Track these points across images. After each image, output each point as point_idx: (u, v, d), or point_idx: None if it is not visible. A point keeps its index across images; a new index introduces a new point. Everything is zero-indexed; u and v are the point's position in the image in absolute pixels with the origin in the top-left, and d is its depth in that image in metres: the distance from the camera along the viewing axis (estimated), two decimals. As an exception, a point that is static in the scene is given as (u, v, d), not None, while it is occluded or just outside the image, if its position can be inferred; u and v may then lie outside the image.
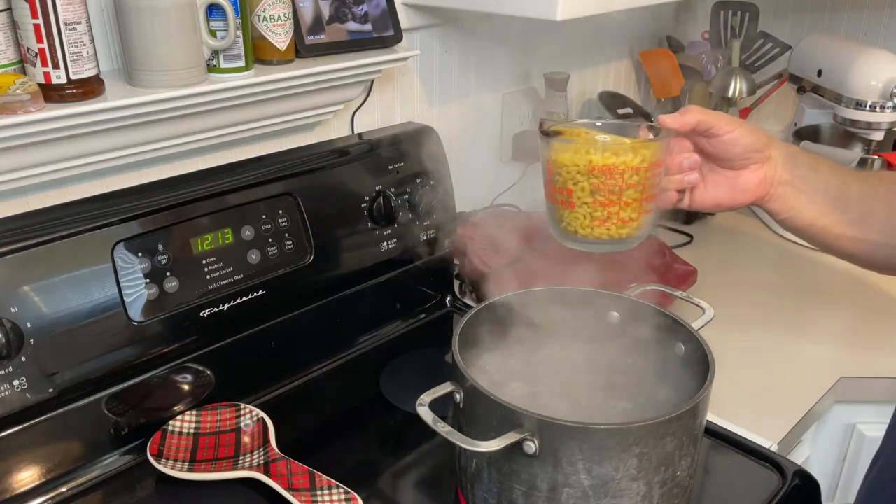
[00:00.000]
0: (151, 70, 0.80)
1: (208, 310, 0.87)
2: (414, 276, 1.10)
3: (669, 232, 1.41)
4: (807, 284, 1.24)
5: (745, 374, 0.99)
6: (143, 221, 0.82)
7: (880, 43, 1.50)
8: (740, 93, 1.42)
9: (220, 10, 0.82)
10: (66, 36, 0.73)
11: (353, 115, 1.13)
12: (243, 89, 0.86)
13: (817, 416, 0.99)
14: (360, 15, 0.98)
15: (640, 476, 0.66)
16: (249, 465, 0.80)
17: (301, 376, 0.98)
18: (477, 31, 1.26)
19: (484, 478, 0.71)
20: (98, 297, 0.79)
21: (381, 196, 1.01)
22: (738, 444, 0.86)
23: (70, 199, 0.84)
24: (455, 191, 1.13)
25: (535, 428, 0.64)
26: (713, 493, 0.82)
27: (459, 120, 1.30)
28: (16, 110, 0.70)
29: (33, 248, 0.75)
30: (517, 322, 0.82)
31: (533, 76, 1.40)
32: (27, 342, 0.74)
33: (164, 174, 0.92)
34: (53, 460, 0.79)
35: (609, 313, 0.84)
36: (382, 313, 1.08)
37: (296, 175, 0.95)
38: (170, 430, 0.84)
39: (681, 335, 0.78)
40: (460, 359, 0.71)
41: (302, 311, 0.97)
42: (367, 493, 0.77)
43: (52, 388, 0.77)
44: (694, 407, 0.67)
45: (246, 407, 0.88)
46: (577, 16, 0.93)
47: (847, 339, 1.10)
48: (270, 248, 0.92)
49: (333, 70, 0.94)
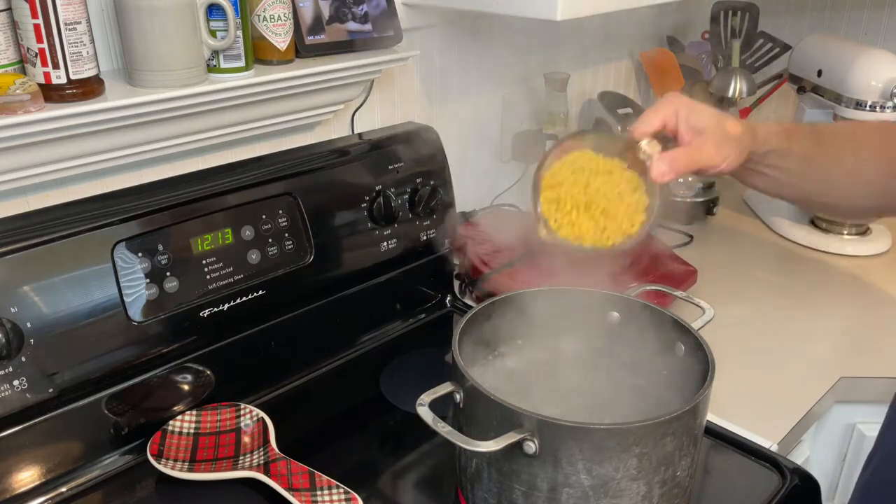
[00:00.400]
0: (151, 70, 0.80)
1: (208, 310, 0.87)
2: (414, 276, 1.10)
3: (669, 232, 1.41)
4: (807, 284, 1.24)
5: (745, 374, 0.99)
6: (143, 221, 0.82)
7: (880, 43, 1.50)
8: (740, 93, 1.42)
9: (220, 10, 0.82)
10: (66, 36, 0.73)
11: (353, 115, 1.13)
12: (243, 89, 0.86)
13: (817, 416, 0.99)
14: (360, 15, 0.98)
15: (640, 476, 0.66)
16: (249, 465, 0.80)
17: (301, 376, 0.98)
18: (477, 31, 1.26)
19: (484, 478, 0.71)
20: (98, 297, 0.79)
21: (381, 196, 1.01)
22: (738, 444, 0.86)
23: (70, 199, 0.84)
24: (455, 191, 1.13)
25: (535, 428, 0.64)
26: (713, 493, 0.82)
27: (459, 120, 1.30)
28: (16, 110, 0.70)
29: (33, 248, 0.75)
30: (517, 322, 0.82)
31: (533, 76, 1.40)
32: (27, 342, 0.74)
33: (164, 174, 0.92)
34: (53, 460, 0.79)
35: (609, 313, 0.84)
36: (382, 313, 1.08)
37: (296, 175, 0.95)
38: (170, 430, 0.84)
39: (681, 335, 0.78)
40: (460, 359, 0.71)
41: (302, 311, 0.97)
42: (367, 493, 0.77)
43: (52, 388, 0.77)
44: (694, 407, 0.67)
45: (246, 407, 0.88)
46: (577, 16, 0.93)
47: (847, 339, 1.10)
48: (270, 248, 0.92)
49: (333, 70, 0.94)
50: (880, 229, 1.39)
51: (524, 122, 1.38)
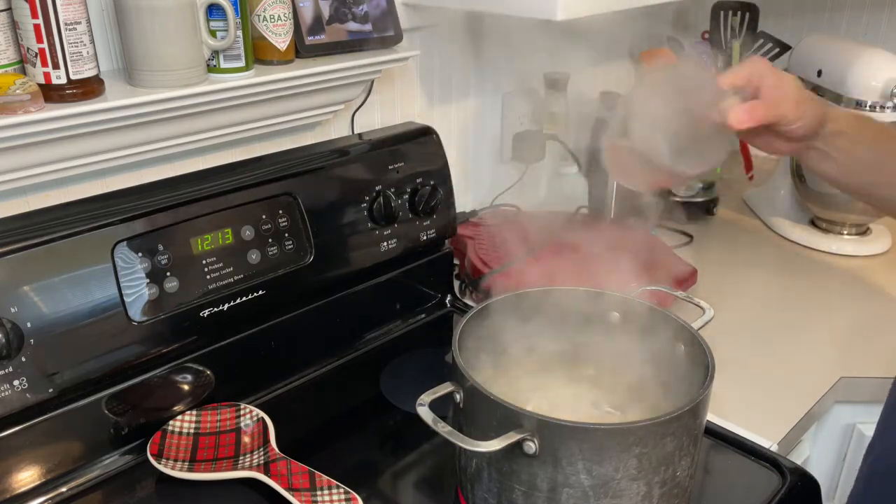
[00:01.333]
0: (151, 70, 0.80)
1: (208, 310, 0.87)
2: (414, 276, 1.10)
3: (669, 232, 1.41)
4: (807, 284, 1.24)
5: (745, 374, 0.99)
6: (143, 221, 0.82)
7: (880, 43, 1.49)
8: None
9: (220, 10, 0.82)
10: (66, 36, 0.73)
11: (353, 115, 1.13)
12: (243, 89, 0.86)
13: (817, 416, 0.99)
14: (360, 15, 0.98)
15: (640, 476, 0.66)
16: (249, 465, 0.80)
17: (301, 376, 0.98)
18: (477, 31, 1.26)
19: (484, 478, 0.71)
20: (98, 297, 0.79)
21: (381, 196, 1.01)
22: (738, 444, 0.86)
23: (70, 199, 0.84)
24: (455, 191, 1.13)
25: (534, 428, 0.64)
26: (713, 493, 0.82)
27: (459, 120, 1.30)
28: (16, 110, 0.70)
29: (33, 248, 0.75)
30: (517, 322, 0.82)
31: (533, 76, 1.40)
32: (27, 342, 0.74)
33: (164, 174, 0.92)
34: (53, 460, 0.79)
35: (609, 313, 0.84)
36: (382, 313, 1.08)
37: (296, 175, 0.95)
38: (170, 430, 0.84)
39: (681, 335, 0.78)
40: (460, 359, 0.71)
41: (302, 311, 0.97)
42: (367, 493, 0.77)
43: (52, 388, 0.77)
44: (694, 407, 0.67)
45: (246, 407, 0.88)
46: (577, 16, 0.93)
47: (847, 339, 1.10)
48: (270, 248, 0.92)
49: (333, 70, 0.94)
50: (880, 229, 1.39)
51: (524, 122, 1.38)
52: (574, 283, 0.84)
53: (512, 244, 1.15)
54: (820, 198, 1.35)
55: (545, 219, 1.25)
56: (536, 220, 1.25)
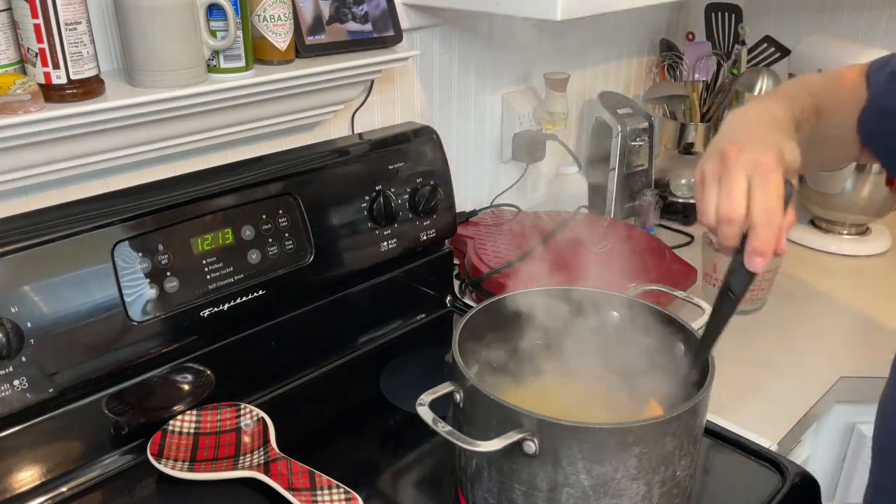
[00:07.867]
0: (152, 70, 0.80)
1: (208, 310, 0.87)
2: (414, 276, 1.10)
3: (669, 232, 1.41)
4: (807, 284, 1.24)
5: (745, 374, 0.99)
6: (143, 221, 0.82)
7: (880, 43, 1.49)
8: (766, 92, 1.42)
9: (220, 10, 0.82)
10: (66, 36, 0.73)
11: (353, 115, 1.13)
12: (243, 89, 0.86)
13: (817, 416, 0.99)
14: (360, 15, 0.99)
15: (639, 476, 0.66)
16: (249, 465, 0.80)
17: (301, 376, 0.98)
18: (477, 31, 1.26)
19: (484, 478, 0.71)
20: (98, 296, 0.79)
21: (381, 196, 1.01)
22: (738, 444, 0.86)
23: (70, 199, 0.84)
24: (455, 191, 1.13)
25: (534, 428, 0.64)
26: (713, 493, 0.82)
27: (459, 120, 1.30)
28: (16, 110, 0.70)
29: (33, 248, 0.75)
30: (517, 322, 0.82)
31: (533, 76, 1.40)
32: (27, 342, 0.74)
33: (164, 174, 0.92)
34: (54, 460, 0.79)
35: (609, 313, 0.84)
36: (382, 313, 1.08)
37: (296, 175, 0.95)
38: (170, 430, 0.84)
39: (681, 335, 0.78)
40: (460, 359, 0.71)
41: (302, 311, 0.97)
42: (367, 493, 0.77)
43: (52, 388, 0.77)
44: (694, 407, 0.67)
45: (246, 407, 0.88)
46: (577, 16, 0.93)
47: (847, 339, 1.10)
48: (270, 248, 0.92)
49: (333, 70, 0.94)
50: (880, 229, 1.39)
51: (524, 122, 1.38)
52: (574, 283, 0.84)
53: (512, 244, 1.15)
54: (820, 198, 1.36)
55: (545, 219, 1.25)
56: (536, 220, 1.25)
